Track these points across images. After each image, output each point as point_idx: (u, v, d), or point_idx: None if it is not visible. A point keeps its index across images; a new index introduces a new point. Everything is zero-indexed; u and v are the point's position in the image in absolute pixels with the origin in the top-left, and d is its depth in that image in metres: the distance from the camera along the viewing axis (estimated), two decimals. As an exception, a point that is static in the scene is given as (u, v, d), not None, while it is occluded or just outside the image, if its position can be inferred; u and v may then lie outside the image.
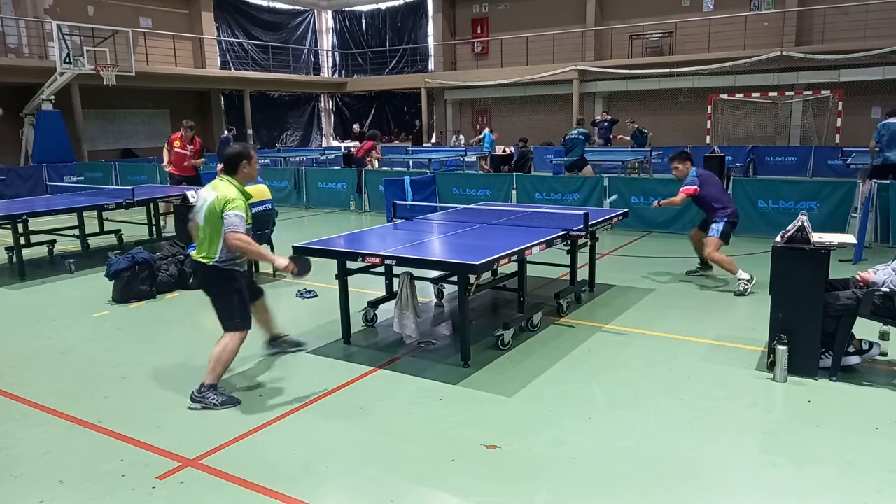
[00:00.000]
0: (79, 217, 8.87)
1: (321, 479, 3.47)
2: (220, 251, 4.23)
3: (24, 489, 3.42)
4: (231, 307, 4.33)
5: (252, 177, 4.50)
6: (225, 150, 4.57)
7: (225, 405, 4.29)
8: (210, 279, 4.32)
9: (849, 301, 4.45)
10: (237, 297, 4.36)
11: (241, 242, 4.14)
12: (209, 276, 4.30)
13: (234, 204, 4.17)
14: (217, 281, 4.30)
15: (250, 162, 4.36)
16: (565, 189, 11.15)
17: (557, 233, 5.66)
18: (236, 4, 26.36)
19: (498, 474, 3.47)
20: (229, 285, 4.33)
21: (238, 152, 4.35)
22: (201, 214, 4.28)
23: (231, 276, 4.32)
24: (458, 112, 27.70)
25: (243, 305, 4.41)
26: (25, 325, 6.24)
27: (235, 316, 4.34)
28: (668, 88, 21.95)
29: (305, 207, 14.16)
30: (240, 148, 4.40)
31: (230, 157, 4.34)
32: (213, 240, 4.23)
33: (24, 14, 19.47)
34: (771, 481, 3.35)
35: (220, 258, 4.24)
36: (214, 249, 4.22)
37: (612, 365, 4.94)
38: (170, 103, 24.56)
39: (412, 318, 5.17)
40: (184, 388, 4.62)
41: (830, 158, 16.91)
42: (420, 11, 28.15)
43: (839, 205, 9.12)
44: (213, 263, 4.24)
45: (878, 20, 18.83)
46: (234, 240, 4.12)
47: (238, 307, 4.35)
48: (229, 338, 4.31)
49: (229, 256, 4.27)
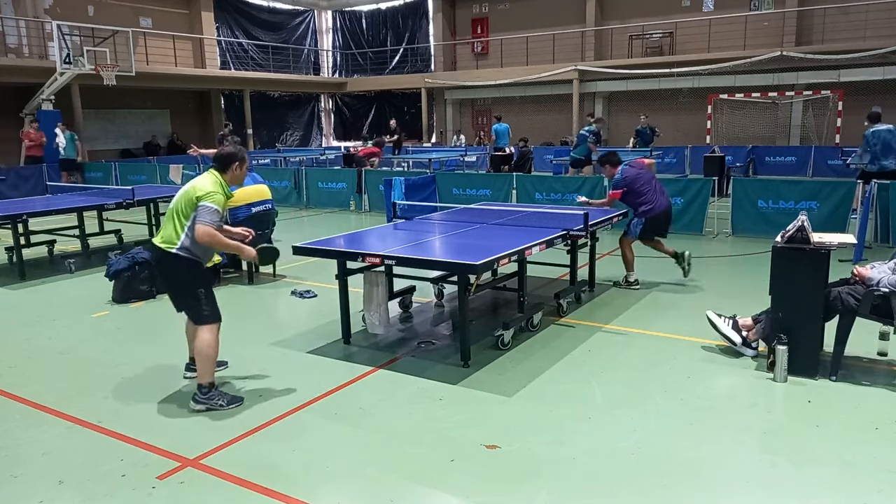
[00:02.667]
0: (79, 217, 8.87)
1: (321, 479, 3.47)
2: (184, 239, 4.10)
3: (24, 489, 3.42)
4: (196, 299, 4.19)
5: (240, 180, 4.47)
6: (219, 149, 4.56)
7: (231, 404, 4.25)
8: (175, 268, 4.15)
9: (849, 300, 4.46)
10: (202, 290, 4.22)
11: (208, 237, 4.04)
12: (175, 264, 4.12)
13: (213, 197, 4.09)
14: (184, 270, 4.15)
15: (241, 166, 4.33)
16: (565, 189, 11.15)
17: (557, 233, 5.66)
18: (236, 4, 26.35)
19: (498, 474, 3.47)
20: (196, 275, 4.21)
21: (232, 153, 4.32)
22: (174, 200, 4.19)
23: (197, 266, 4.20)
24: (458, 112, 27.70)
25: (210, 296, 4.25)
26: (25, 325, 6.24)
27: (203, 308, 4.20)
28: (668, 88, 21.94)
29: (305, 207, 14.16)
30: (234, 150, 4.37)
31: (224, 157, 4.31)
32: (180, 226, 4.10)
33: (24, 14, 19.46)
34: (771, 481, 3.36)
35: (182, 246, 4.10)
36: (179, 236, 4.09)
37: (612, 365, 4.94)
38: (170, 103, 24.55)
39: (380, 313, 5.34)
40: (184, 388, 4.63)
41: (830, 158, 16.91)
42: (420, 11, 28.14)
43: (839, 205, 9.12)
44: (174, 251, 4.09)
45: (878, 20, 18.82)
46: (202, 233, 4.02)
47: (205, 298, 4.21)
48: (203, 331, 4.18)
49: (195, 248, 4.14)
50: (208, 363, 4.23)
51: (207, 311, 4.22)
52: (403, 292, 6.28)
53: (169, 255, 4.10)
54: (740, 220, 9.82)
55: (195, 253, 4.16)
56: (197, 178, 4.26)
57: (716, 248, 9.22)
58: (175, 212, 4.16)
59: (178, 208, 4.15)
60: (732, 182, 10.47)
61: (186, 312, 4.31)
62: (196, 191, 4.12)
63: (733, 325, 5.06)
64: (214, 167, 4.31)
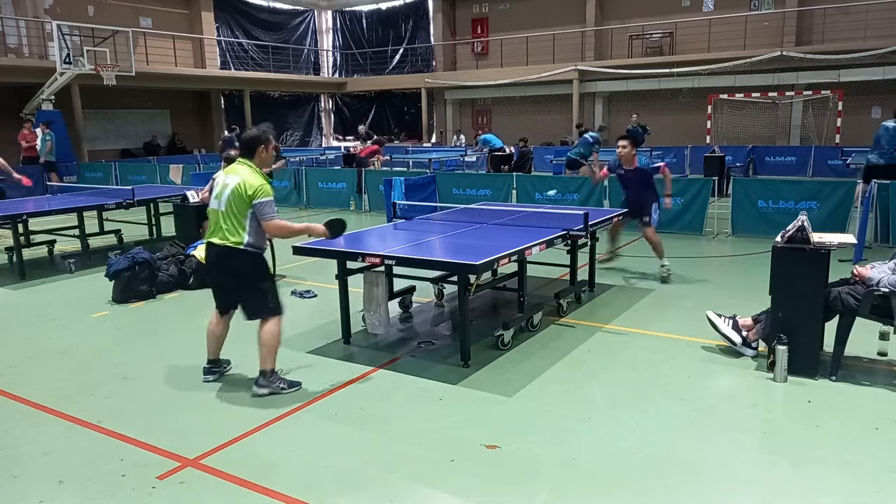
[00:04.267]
0: (79, 217, 8.87)
1: (321, 479, 3.47)
2: (247, 235, 4.22)
3: (24, 489, 3.42)
4: (263, 292, 4.35)
5: (268, 161, 4.50)
6: (243, 135, 4.56)
7: (291, 388, 4.44)
8: (243, 263, 4.29)
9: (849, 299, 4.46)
10: (269, 282, 4.42)
11: (279, 229, 4.27)
12: (243, 260, 4.26)
13: (263, 189, 4.19)
14: (252, 265, 4.31)
15: (267, 147, 4.35)
16: (565, 189, 11.15)
17: (557, 233, 5.66)
18: (236, 4, 26.34)
19: (498, 474, 3.47)
20: (263, 270, 4.38)
21: (256, 136, 4.33)
22: (222, 200, 4.24)
23: (263, 261, 4.36)
24: (458, 112, 27.70)
25: (274, 289, 4.43)
26: (25, 325, 6.24)
27: (269, 301, 4.35)
28: (668, 88, 21.94)
29: (305, 207, 14.15)
30: (257, 132, 4.37)
31: (248, 141, 4.33)
32: (239, 224, 4.22)
33: (24, 14, 19.45)
34: (771, 481, 3.36)
35: (248, 242, 4.24)
36: (242, 234, 4.22)
37: (612, 365, 4.94)
38: (170, 103, 24.54)
39: (380, 313, 5.36)
40: (184, 388, 4.64)
41: (830, 158, 16.91)
42: (420, 11, 28.13)
43: (839, 205, 9.12)
44: (243, 247, 4.23)
45: (878, 20, 18.81)
46: (274, 227, 4.24)
47: (271, 290, 4.39)
48: (270, 324, 4.33)
49: (258, 242, 4.29)
50: (273, 353, 4.38)
51: (273, 303, 4.37)
52: (403, 292, 6.28)
53: (235, 251, 4.22)
54: (740, 220, 9.82)
55: (259, 246, 4.34)
56: (239, 176, 4.23)
57: (716, 248, 9.23)
58: (229, 213, 4.23)
59: (231, 209, 4.22)
60: (732, 182, 10.47)
61: (248, 307, 4.38)
62: (245, 189, 4.17)
63: (733, 325, 5.06)
64: (242, 156, 4.34)
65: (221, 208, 4.26)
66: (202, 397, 4.49)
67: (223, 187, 4.27)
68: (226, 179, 4.30)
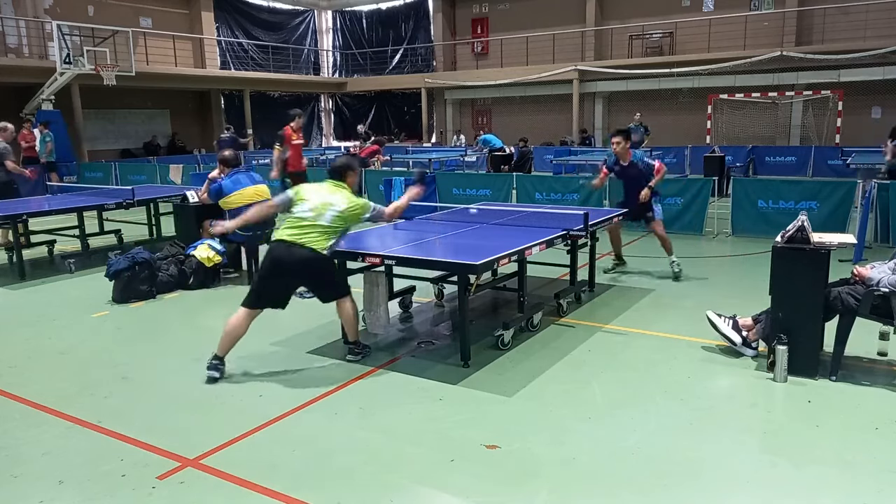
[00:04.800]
0: (79, 217, 8.86)
1: (321, 479, 3.47)
2: (333, 245, 4.80)
3: (24, 489, 3.42)
4: (336, 283, 5.03)
5: (354, 185, 5.07)
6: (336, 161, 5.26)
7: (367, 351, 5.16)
8: (323, 266, 4.83)
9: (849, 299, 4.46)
10: (336, 272, 5.10)
11: (397, 211, 5.19)
12: (323, 264, 4.82)
13: (367, 203, 4.98)
14: (329, 266, 4.93)
15: (354, 173, 5.06)
16: (565, 189, 11.15)
17: (557, 233, 5.66)
18: (236, 4, 26.35)
19: (498, 474, 3.47)
20: (334, 267, 5.04)
21: (347, 164, 5.08)
22: (325, 216, 4.73)
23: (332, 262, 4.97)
24: (458, 112, 27.70)
25: (339, 275, 5.17)
26: (25, 325, 6.24)
27: (341, 286, 5.04)
28: (668, 88, 21.94)
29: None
30: (347, 161, 5.19)
31: (340, 168, 5.01)
32: (334, 234, 4.80)
33: (24, 14, 19.46)
34: (771, 481, 3.36)
35: (330, 250, 4.79)
36: (328, 243, 4.75)
37: (612, 365, 4.94)
38: (170, 103, 24.55)
39: (380, 313, 5.48)
40: (184, 388, 4.64)
41: (830, 158, 16.89)
42: (420, 11, 28.14)
43: (839, 205, 9.11)
44: (326, 254, 4.76)
45: (878, 20, 18.82)
46: (392, 214, 5.17)
47: (338, 278, 5.11)
48: (347, 303, 4.97)
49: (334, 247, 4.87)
50: (355, 324, 5.05)
51: (344, 288, 5.05)
52: (403, 292, 6.28)
53: (319, 256, 4.74)
54: (740, 220, 9.82)
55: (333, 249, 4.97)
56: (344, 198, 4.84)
57: (716, 248, 9.23)
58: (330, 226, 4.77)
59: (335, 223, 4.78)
60: (732, 182, 10.46)
61: (325, 295, 5.02)
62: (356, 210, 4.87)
63: (733, 325, 5.06)
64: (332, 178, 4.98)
65: (320, 221, 4.74)
66: (202, 397, 4.49)
67: (324, 206, 4.76)
68: (328, 198, 4.81)
